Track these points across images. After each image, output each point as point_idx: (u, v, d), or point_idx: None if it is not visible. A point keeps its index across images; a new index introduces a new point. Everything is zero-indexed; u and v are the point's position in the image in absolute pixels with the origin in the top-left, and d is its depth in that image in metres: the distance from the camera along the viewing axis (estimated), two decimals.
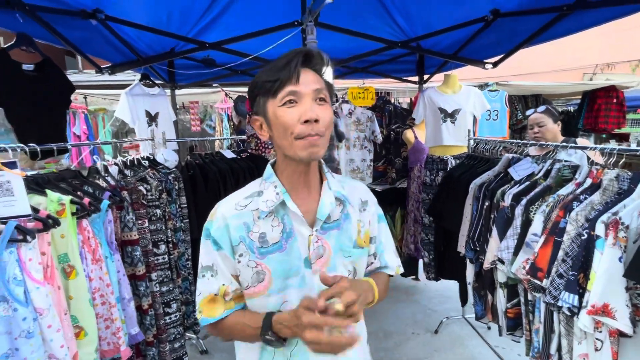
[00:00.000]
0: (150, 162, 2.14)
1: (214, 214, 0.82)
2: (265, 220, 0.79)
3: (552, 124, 2.26)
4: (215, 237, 0.79)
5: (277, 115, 0.74)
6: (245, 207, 0.81)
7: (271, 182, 0.81)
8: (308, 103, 0.73)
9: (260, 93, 0.77)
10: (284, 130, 0.74)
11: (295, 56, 0.74)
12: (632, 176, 1.26)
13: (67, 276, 1.26)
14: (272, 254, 0.78)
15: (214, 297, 0.81)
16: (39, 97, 1.71)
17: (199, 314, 0.83)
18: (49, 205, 1.23)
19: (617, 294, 1.11)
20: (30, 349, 1.08)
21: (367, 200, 0.91)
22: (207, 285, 0.81)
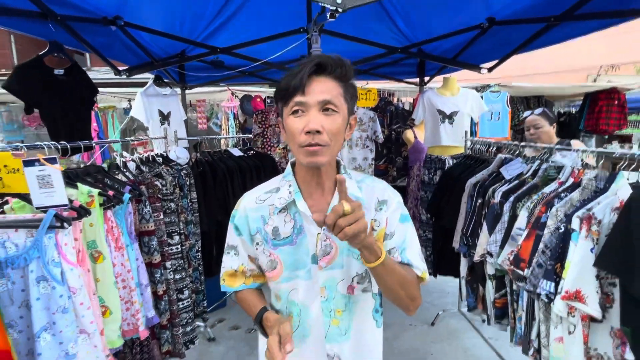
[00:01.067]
0: (164, 159, 2.29)
1: (239, 204, 0.92)
2: (279, 215, 0.86)
3: (548, 126, 2.33)
4: (238, 225, 0.91)
5: (287, 123, 0.80)
6: (264, 201, 0.89)
7: (287, 181, 0.88)
8: (313, 114, 0.76)
9: (278, 99, 0.82)
10: (292, 137, 0.79)
11: (305, 66, 0.77)
12: (608, 176, 1.37)
13: (95, 261, 1.41)
14: (283, 247, 0.86)
15: (234, 272, 0.94)
16: (68, 99, 1.86)
17: (222, 281, 0.97)
18: (80, 197, 1.37)
19: (589, 282, 1.23)
20: (65, 322, 1.22)
21: (385, 200, 0.88)
22: (230, 261, 0.94)
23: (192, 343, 2.15)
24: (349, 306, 0.88)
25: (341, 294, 0.87)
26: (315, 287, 0.86)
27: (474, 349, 2.59)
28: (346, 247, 0.84)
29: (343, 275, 0.86)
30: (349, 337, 0.89)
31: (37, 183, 1.16)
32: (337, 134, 0.79)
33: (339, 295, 0.86)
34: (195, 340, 2.16)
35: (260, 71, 3.30)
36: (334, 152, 0.81)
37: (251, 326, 2.89)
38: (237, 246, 0.93)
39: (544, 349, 1.47)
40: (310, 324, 0.88)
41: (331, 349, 0.88)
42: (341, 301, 0.87)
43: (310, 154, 0.77)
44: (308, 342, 0.89)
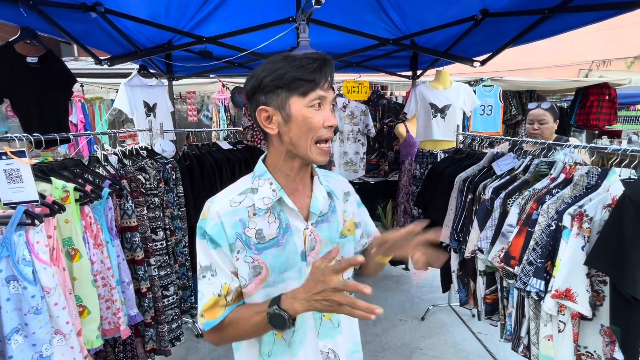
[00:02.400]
0: (149, 152, 2.22)
1: (207, 212, 0.80)
2: (262, 217, 0.79)
3: (552, 123, 2.24)
4: (212, 236, 0.77)
5: (305, 115, 0.75)
6: (239, 203, 0.80)
7: (266, 179, 0.81)
8: (328, 109, 0.78)
9: (284, 87, 0.75)
10: (308, 130, 0.76)
11: (326, 62, 0.76)
12: (600, 172, 1.35)
13: (72, 258, 1.35)
14: (268, 250, 0.79)
15: (217, 299, 0.79)
16: (42, 88, 1.77)
17: (200, 319, 0.80)
18: (54, 192, 1.31)
19: (579, 280, 1.21)
20: (38, 324, 1.16)
21: (349, 192, 0.96)
22: (209, 285, 0.79)
23: (178, 340, 2.11)
24: None
25: None
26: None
27: (463, 343, 2.59)
28: (327, 238, 0.85)
29: None
30: (342, 329, 0.89)
31: (4, 178, 1.09)
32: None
33: None
34: (181, 337, 2.12)
35: (250, 62, 3.21)
36: None
37: None
38: (213, 264, 0.79)
39: (533, 346, 1.46)
40: (304, 326, 0.84)
41: (325, 345, 0.86)
42: None
43: (324, 154, 0.79)
44: (304, 343, 0.84)
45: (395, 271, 3.76)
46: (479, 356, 2.44)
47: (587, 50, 9.26)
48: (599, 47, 9.30)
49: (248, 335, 0.81)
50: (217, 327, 0.79)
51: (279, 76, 0.75)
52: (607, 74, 7.92)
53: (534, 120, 2.26)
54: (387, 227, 3.43)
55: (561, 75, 7.67)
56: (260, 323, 0.74)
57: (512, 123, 5.69)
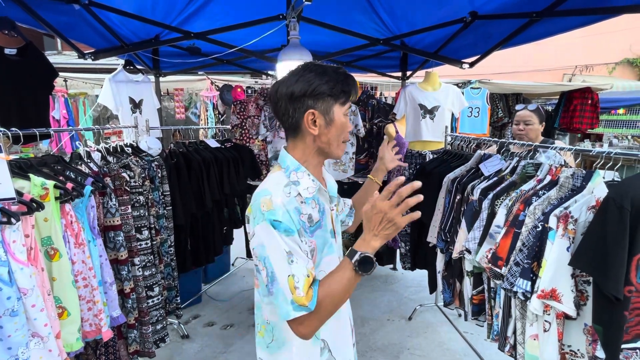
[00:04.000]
0: (134, 149, 2.16)
1: (271, 203, 0.84)
2: (310, 204, 0.92)
3: (538, 125, 2.27)
4: (286, 224, 0.82)
5: (342, 121, 0.92)
6: (290, 194, 0.89)
7: (304, 172, 0.93)
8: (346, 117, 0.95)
9: (332, 95, 0.89)
10: (342, 132, 0.93)
11: (352, 78, 0.93)
12: (585, 174, 1.37)
13: (51, 258, 1.30)
14: (316, 232, 0.92)
15: (308, 280, 0.83)
16: (21, 81, 1.70)
17: (303, 300, 0.80)
18: (33, 189, 1.26)
19: (564, 280, 1.23)
20: (14, 326, 1.12)
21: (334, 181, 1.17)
22: (299, 269, 0.82)
23: (162, 341, 2.07)
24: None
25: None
26: (335, 258, 0.97)
27: (450, 342, 2.62)
28: (336, 216, 1.03)
29: (339, 243, 1.05)
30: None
31: None
32: None
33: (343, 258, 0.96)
34: (166, 338, 2.08)
35: (239, 59, 3.18)
36: None
37: (227, 323, 2.83)
38: (293, 250, 0.83)
39: (519, 345, 1.47)
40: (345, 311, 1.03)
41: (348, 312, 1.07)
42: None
43: (343, 150, 0.98)
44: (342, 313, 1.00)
45: (383, 271, 3.78)
46: (466, 355, 2.47)
47: (570, 55, 9.50)
48: (582, 52, 9.55)
49: (342, 298, 0.85)
50: (316, 306, 0.82)
51: (331, 86, 0.89)
52: (589, 79, 8.14)
53: (520, 121, 2.29)
54: None
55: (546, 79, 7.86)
56: (352, 276, 0.82)
57: (498, 125, 5.79)
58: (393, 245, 3.23)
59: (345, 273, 0.82)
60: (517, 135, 2.30)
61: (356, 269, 0.80)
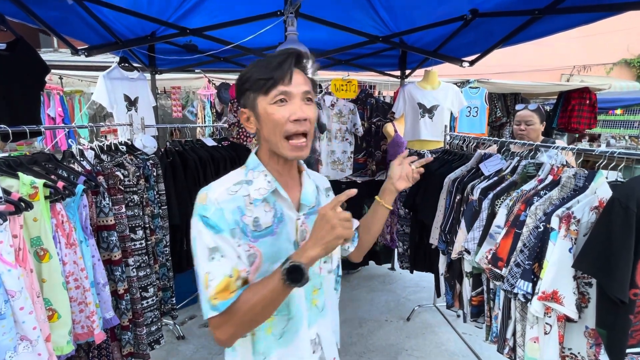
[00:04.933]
0: (128, 147, 2.12)
1: (205, 199, 0.79)
2: (259, 206, 0.82)
3: (539, 125, 2.26)
4: (214, 221, 0.77)
5: (268, 112, 0.79)
6: (236, 192, 0.82)
7: (260, 172, 0.85)
8: (298, 103, 0.80)
9: (251, 88, 0.81)
10: (274, 127, 0.79)
11: (288, 57, 0.79)
12: (587, 174, 1.35)
13: (40, 259, 1.27)
14: (264, 238, 0.82)
15: (229, 281, 0.76)
16: (11, 77, 1.66)
17: (213, 301, 0.75)
18: (21, 188, 1.22)
19: (566, 282, 1.20)
20: (1, 330, 1.08)
21: (329, 187, 1.03)
22: (219, 267, 0.76)
23: (157, 343, 2.03)
24: (322, 284, 0.92)
25: (315, 274, 0.89)
26: None
27: (448, 343, 2.60)
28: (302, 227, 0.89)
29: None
30: (325, 313, 0.92)
31: None
32: (314, 123, 0.84)
33: (314, 276, 0.88)
34: (161, 339, 2.04)
35: (237, 57, 3.14)
36: (310, 145, 0.85)
37: None
38: (219, 247, 0.77)
39: (519, 348, 1.45)
40: (300, 316, 0.87)
41: (313, 332, 0.89)
42: (317, 280, 0.90)
43: (297, 149, 0.81)
44: (298, 333, 0.86)
45: (381, 271, 3.75)
46: (464, 356, 2.45)
47: (568, 55, 9.52)
48: (580, 53, 9.57)
49: (264, 308, 0.76)
50: (231, 309, 0.75)
51: (246, 79, 0.82)
52: (587, 79, 8.15)
53: (521, 121, 2.28)
54: None
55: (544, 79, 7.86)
56: (277, 286, 0.73)
57: (496, 125, 5.78)
58: (391, 244, 3.21)
59: (270, 281, 0.74)
60: (518, 135, 2.29)
61: (284, 278, 0.72)
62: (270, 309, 0.78)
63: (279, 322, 0.84)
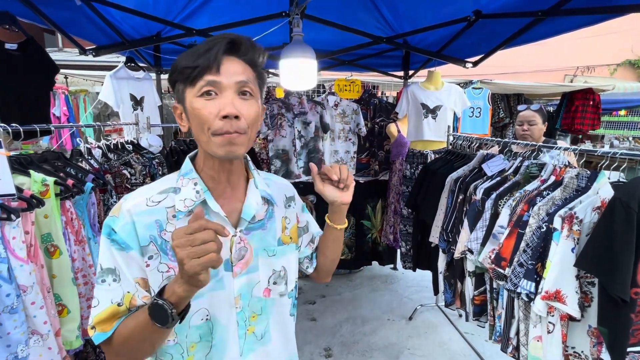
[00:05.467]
0: (134, 146, 2.15)
1: (119, 209, 0.69)
2: (182, 220, 0.70)
3: (541, 124, 2.27)
4: (120, 237, 0.67)
5: (194, 106, 0.66)
6: (158, 203, 0.71)
7: (190, 179, 0.73)
8: (229, 96, 0.66)
9: (178, 79, 0.69)
10: (201, 124, 0.67)
11: (218, 42, 0.66)
12: (590, 175, 1.36)
13: (51, 255, 1.29)
14: None
15: (116, 310, 0.67)
16: (22, 76, 1.69)
17: (90, 331, 0.67)
18: (33, 186, 1.25)
19: (569, 282, 1.22)
20: (13, 324, 1.11)
21: (292, 196, 0.88)
22: (108, 292, 0.66)
23: None
24: (265, 309, 0.79)
25: (257, 297, 0.77)
26: (229, 298, 0.73)
27: (450, 343, 2.61)
28: (261, 247, 0.77)
29: (258, 278, 0.77)
30: (267, 340, 0.80)
31: None
32: (255, 122, 0.70)
33: (254, 300, 0.77)
34: None
35: None
36: (250, 144, 0.72)
37: None
38: (117, 268, 0.67)
39: (522, 347, 1.46)
40: (224, 344, 0.74)
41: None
42: (257, 305, 0.77)
43: (228, 143, 0.66)
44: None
45: (384, 271, 3.77)
46: (466, 356, 2.46)
47: (572, 56, 9.49)
48: (584, 53, 9.54)
49: (138, 344, 0.66)
50: (109, 340, 0.67)
51: (174, 69, 0.69)
52: (591, 80, 8.13)
53: (524, 122, 2.29)
54: (376, 227, 3.43)
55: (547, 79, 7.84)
56: (144, 323, 0.61)
57: (499, 126, 5.78)
58: (394, 244, 3.22)
59: (140, 316, 0.63)
60: (521, 136, 2.30)
61: (150, 317, 0.60)
62: (147, 346, 0.67)
63: (201, 348, 0.72)
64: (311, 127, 3.01)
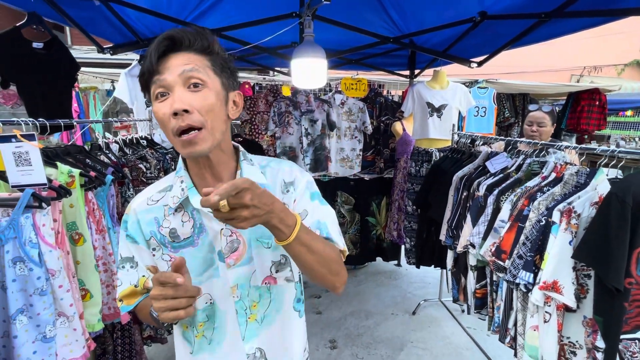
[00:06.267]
0: (148, 142, 2.23)
1: (129, 208, 0.80)
2: (175, 215, 0.77)
3: (550, 127, 2.26)
4: (131, 231, 0.78)
5: (154, 111, 0.69)
6: (157, 201, 0.79)
7: (179, 177, 0.78)
8: (177, 92, 0.66)
9: (143, 90, 0.72)
10: (163, 127, 0.69)
11: (156, 42, 0.67)
12: (589, 172, 1.41)
13: (75, 243, 1.37)
14: (185, 249, 0.77)
15: (134, 289, 0.80)
16: (47, 74, 1.77)
17: (119, 302, 0.82)
18: (60, 177, 1.33)
19: (566, 273, 1.27)
20: (42, 305, 1.19)
21: (292, 181, 0.82)
22: (128, 276, 0.80)
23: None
24: (264, 297, 0.81)
25: (255, 286, 0.80)
26: (225, 286, 0.78)
27: (453, 336, 2.66)
28: (254, 238, 0.78)
29: (254, 268, 0.79)
30: (269, 324, 0.82)
31: (13, 160, 1.11)
32: (211, 112, 0.68)
33: (252, 290, 0.80)
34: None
35: (252, 55, 3.23)
36: (217, 136, 0.70)
37: None
38: (133, 257, 0.80)
39: (519, 336, 1.52)
40: (224, 327, 0.80)
41: (251, 347, 0.81)
42: (255, 294, 0.80)
43: (188, 144, 0.67)
44: (222, 345, 0.81)
45: (388, 267, 3.83)
46: (468, 349, 2.52)
47: (578, 56, 9.45)
48: (591, 53, 9.49)
49: (150, 322, 0.78)
50: (132, 311, 0.83)
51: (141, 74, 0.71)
52: (597, 80, 8.11)
53: (533, 122, 2.26)
54: (380, 224, 3.49)
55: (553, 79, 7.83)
56: (151, 315, 0.73)
57: (504, 125, 5.79)
58: (398, 241, 3.28)
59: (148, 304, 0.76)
60: (529, 136, 2.27)
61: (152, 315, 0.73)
62: (156, 324, 0.76)
63: (207, 327, 0.81)
64: (318, 124, 3.08)
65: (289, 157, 3.13)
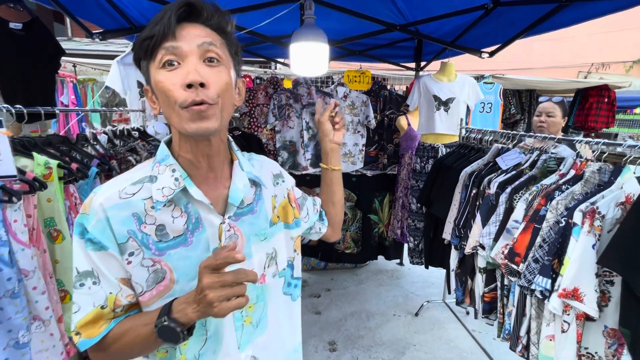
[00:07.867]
0: (141, 133, 2.12)
1: (88, 205, 0.64)
2: (162, 210, 0.65)
3: (560, 118, 2.20)
4: (94, 235, 0.62)
5: (157, 79, 0.61)
6: (133, 195, 0.65)
7: (167, 165, 0.67)
8: (192, 63, 0.60)
9: (141, 55, 0.63)
10: (166, 98, 0.61)
11: (174, 5, 0.60)
12: (614, 169, 1.30)
13: (54, 240, 1.27)
14: (174, 249, 0.65)
15: (100, 312, 0.63)
16: (26, 57, 1.66)
17: (75, 337, 0.64)
18: (36, 168, 1.22)
19: (588, 280, 1.16)
20: (14, 309, 1.09)
21: (279, 173, 0.84)
22: (89, 296, 0.63)
23: None
24: (261, 297, 0.75)
25: (252, 286, 0.72)
26: None
27: (457, 340, 2.56)
28: (252, 232, 0.72)
29: (252, 266, 0.73)
30: (263, 330, 0.76)
31: None
32: (226, 92, 0.63)
33: (249, 289, 0.71)
34: None
35: (252, 45, 3.11)
36: (225, 118, 0.64)
37: None
38: (94, 270, 0.62)
39: (533, 346, 1.42)
40: (220, 336, 0.71)
41: (246, 355, 0.74)
42: (252, 293, 0.73)
43: (198, 117, 0.60)
44: (217, 356, 0.71)
45: (390, 266, 3.72)
46: (473, 354, 2.42)
47: (587, 52, 9.27)
48: (599, 50, 9.30)
49: (138, 353, 0.65)
50: (98, 346, 0.64)
51: (135, 45, 0.63)
52: (606, 77, 7.93)
53: (542, 112, 2.21)
54: (383, 221, 3.38)
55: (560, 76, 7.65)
56: (149, 337, 0.60)
57: (510, 122, 5.66)
58: (401, 239, 3.17)
59: (144, 329, 0.61)
60: (538, 128, 2.22)
61: (156, 334, 0.59)
62: (145, 352, 0.65)
63: (194, 343, 0.68)
64: None
65: (289, 152, 3.02)
